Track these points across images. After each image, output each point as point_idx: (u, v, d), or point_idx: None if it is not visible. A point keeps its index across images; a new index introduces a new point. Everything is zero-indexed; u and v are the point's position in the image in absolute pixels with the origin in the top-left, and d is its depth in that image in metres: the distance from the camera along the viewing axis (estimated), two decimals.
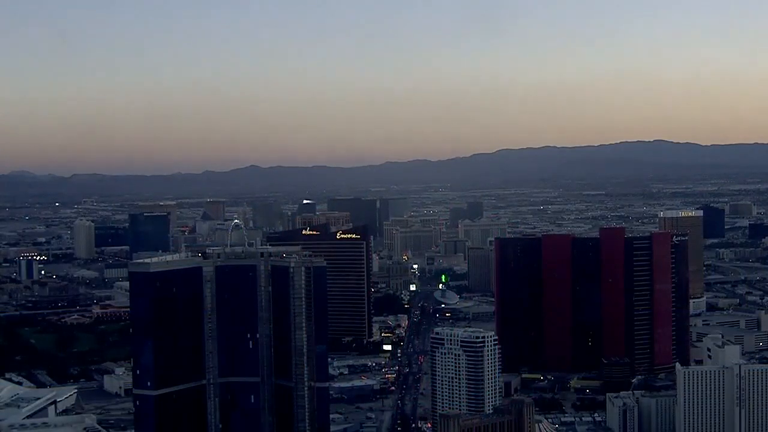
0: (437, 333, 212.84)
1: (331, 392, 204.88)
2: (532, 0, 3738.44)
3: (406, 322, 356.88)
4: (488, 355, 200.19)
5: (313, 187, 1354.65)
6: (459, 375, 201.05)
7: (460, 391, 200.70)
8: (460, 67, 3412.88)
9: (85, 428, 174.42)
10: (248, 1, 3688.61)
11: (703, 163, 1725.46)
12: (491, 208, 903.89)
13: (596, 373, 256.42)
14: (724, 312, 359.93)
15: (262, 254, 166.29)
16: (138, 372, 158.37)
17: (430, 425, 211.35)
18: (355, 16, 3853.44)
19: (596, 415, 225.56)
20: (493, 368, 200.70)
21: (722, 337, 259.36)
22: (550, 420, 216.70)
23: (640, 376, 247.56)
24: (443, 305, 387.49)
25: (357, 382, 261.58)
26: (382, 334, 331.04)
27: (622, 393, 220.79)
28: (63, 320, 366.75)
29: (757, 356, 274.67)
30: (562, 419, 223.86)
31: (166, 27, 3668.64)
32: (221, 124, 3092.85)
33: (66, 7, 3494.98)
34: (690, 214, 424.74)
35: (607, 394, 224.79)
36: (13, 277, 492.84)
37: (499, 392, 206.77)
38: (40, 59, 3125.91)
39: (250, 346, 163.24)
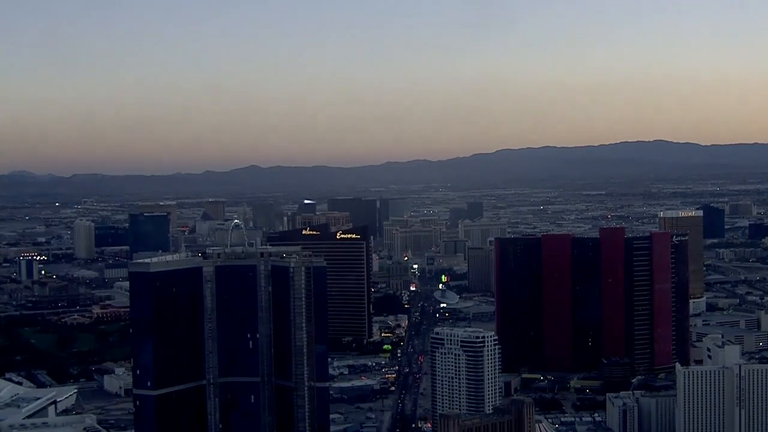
0: (437, 333, 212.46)
1: (331, 392, 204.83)
2: (532, 0, 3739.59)
3: (406, 322, 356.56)
4: (488, 355, 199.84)
5: (313, 187, 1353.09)
6: (459, 375, 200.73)
7: (460, 391, 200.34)
8: (460, 67, 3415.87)
9: (85, 428, 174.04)
10: (248, 1, 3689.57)
11: (703, 163, 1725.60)
12: (491, 208, 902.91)
13: (596, 373, 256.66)
14: (724, 312, 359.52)
15: (262, 254, 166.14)
16: (138, 372, 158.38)
17: (430, 425, 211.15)
18: (356, 15, 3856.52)
19: (596, 415, 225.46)
20: (493, 368, 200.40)
21: (722, 337, 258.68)
22: (550, 420, 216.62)
23: (640, 376, 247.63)
24: (443, 305, 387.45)
25: (357, 382, 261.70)
26: (382, 334, 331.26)
27: (622, 393, 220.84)
28: (63, 320, 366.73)
29: (757, 356, 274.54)
30: (562, 419, 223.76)
31: (165, 27, 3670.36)
32: (221, 124, 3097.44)
33: (66, 7, 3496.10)
34: (690, 214, 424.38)
35: (607, 394, 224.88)
36: (13, 277, 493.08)
37: (499, 392, 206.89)
38: (40, 59, 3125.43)
39: (250, 346, 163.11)
